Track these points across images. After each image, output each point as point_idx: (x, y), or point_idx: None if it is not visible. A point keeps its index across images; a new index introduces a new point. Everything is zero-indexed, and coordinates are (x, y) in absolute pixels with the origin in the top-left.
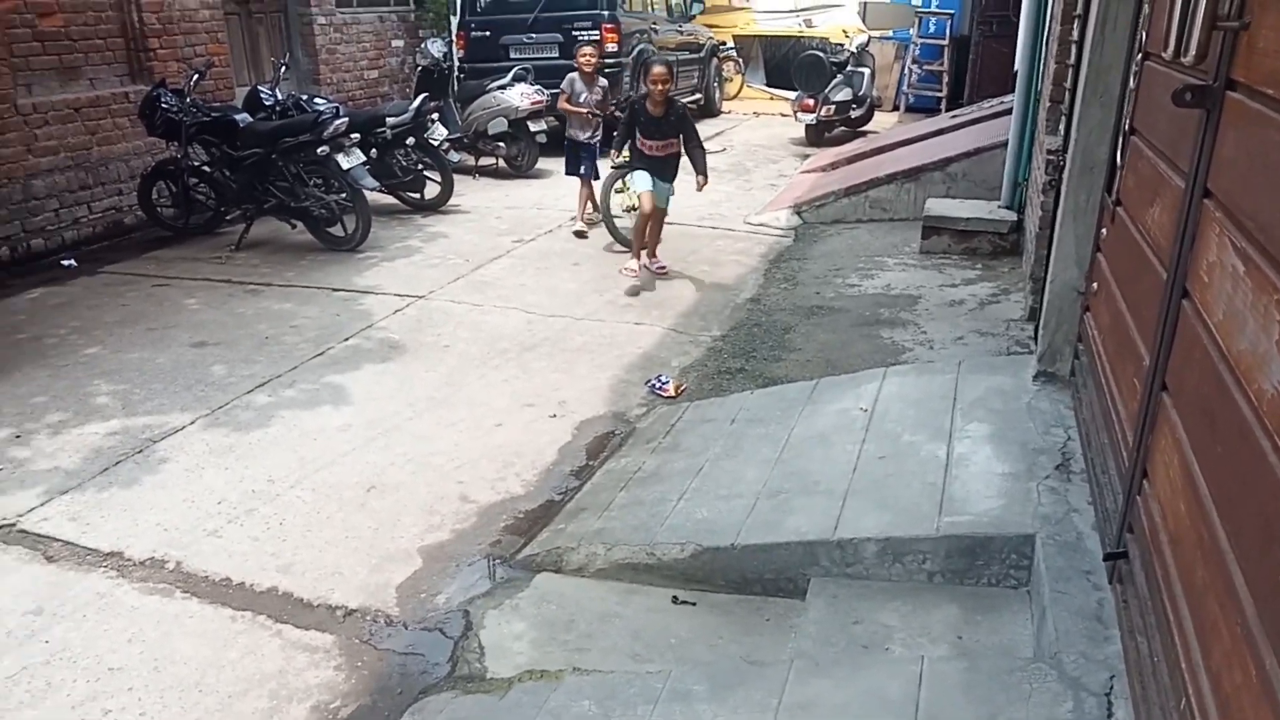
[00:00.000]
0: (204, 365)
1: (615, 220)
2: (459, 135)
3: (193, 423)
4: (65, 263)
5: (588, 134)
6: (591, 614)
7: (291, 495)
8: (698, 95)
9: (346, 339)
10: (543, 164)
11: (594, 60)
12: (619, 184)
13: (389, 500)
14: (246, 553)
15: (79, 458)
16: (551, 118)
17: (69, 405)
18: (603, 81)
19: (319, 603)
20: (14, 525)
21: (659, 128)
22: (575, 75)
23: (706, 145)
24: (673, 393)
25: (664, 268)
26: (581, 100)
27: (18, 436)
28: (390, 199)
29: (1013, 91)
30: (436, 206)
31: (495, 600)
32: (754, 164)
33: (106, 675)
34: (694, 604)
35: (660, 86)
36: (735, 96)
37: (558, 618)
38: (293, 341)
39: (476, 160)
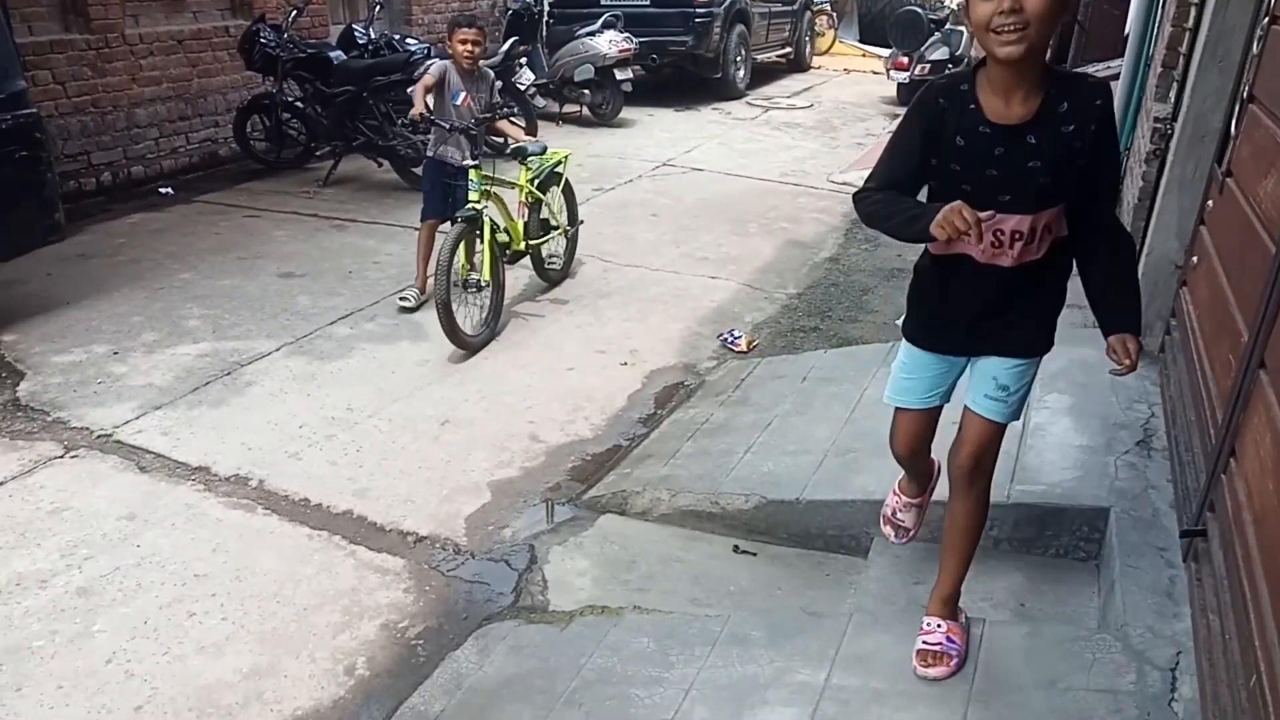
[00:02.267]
0: (290, 295)
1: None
2: (545, 80)
3: (278, 349)
4: (163, 190)
5: (461, 154)
6: (653, 557)
7: (369, 424)
8: (787, 49)
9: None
10: (627, 113)
11: (475, 48)
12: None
13: (461, 435)
14: (325, 476)
15: (171, 376)
16: (638, 67)
17: (163, 326)
18: (489, 76)
19: (391, 528)
20: (110, 436)
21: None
22: (448, 65)
23: (793, 100)
24: (744, 348)
25: None
26: (458, 104)
27: (115, 353)
28: None
29: (1120, 56)
30: None
31: (560, 537)
32: (841, 122)
33: (192, 580)
34: (755, 554)
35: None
36: (826, 52)
37: (620, 558)
38: (375, 277)
39: (561, 107)
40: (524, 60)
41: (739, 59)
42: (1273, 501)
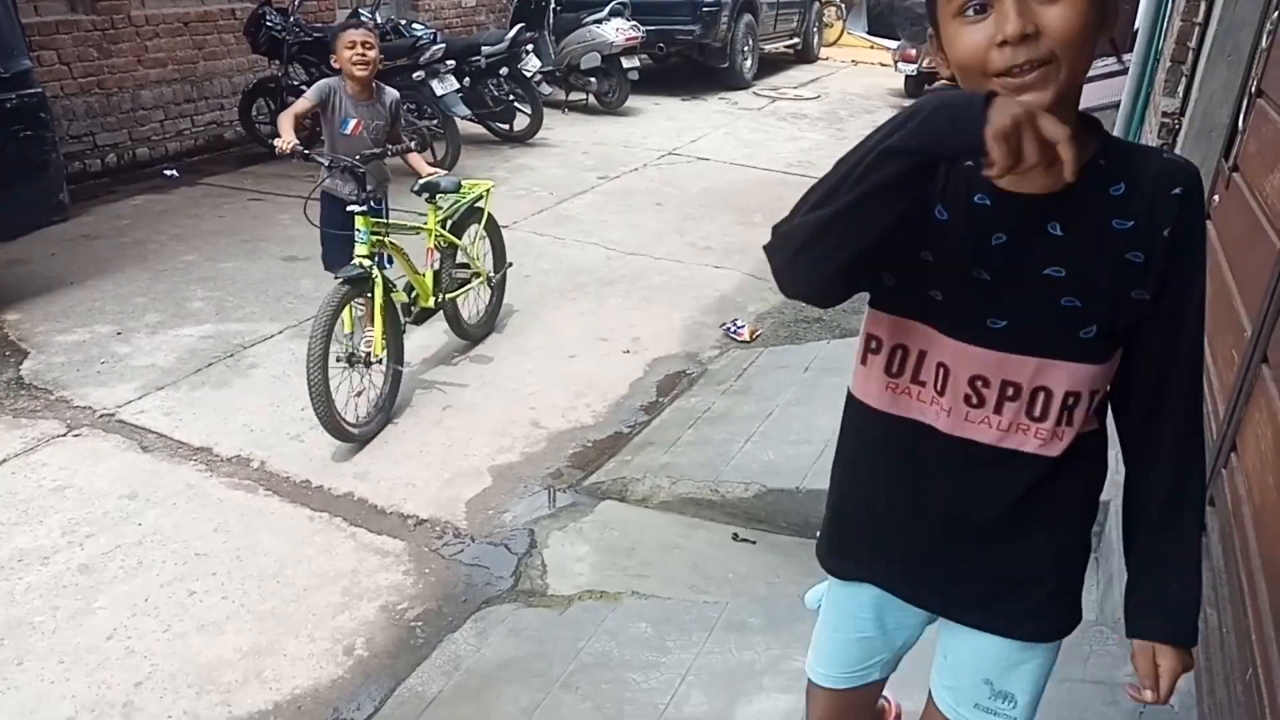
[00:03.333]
0: (293, 279)
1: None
2: (551, 68)
3: (280, 332)
4: (168, 172)
5: (350, 188)
6: (652, 543)
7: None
8: (795, 40)
9: None
10: (633, 101)
11: (366, 56)
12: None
13: (463, 420)
14: (325, 458)
15: (174, 357)
16: (645, 55)
17: (166, 307)
18: (390, 97)
19: (392, 510)
20: (114, 415)
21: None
22: (335, 84)
23: (800, 91)
24: (747, 337)
25: None
26: (347, 132)
27: (119, 333)
28: (479, 129)
29: (1129, 50)
30: (524, 139)
31: (559, 522)
32: (848, 113)
33: (193, 559)
34: (754, 543)
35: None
36: (834, 43)
37: (619, 544)
38: None
39: (567, 94)
40: (530, 47)
41: (746, 49)
42: (1273, 496)
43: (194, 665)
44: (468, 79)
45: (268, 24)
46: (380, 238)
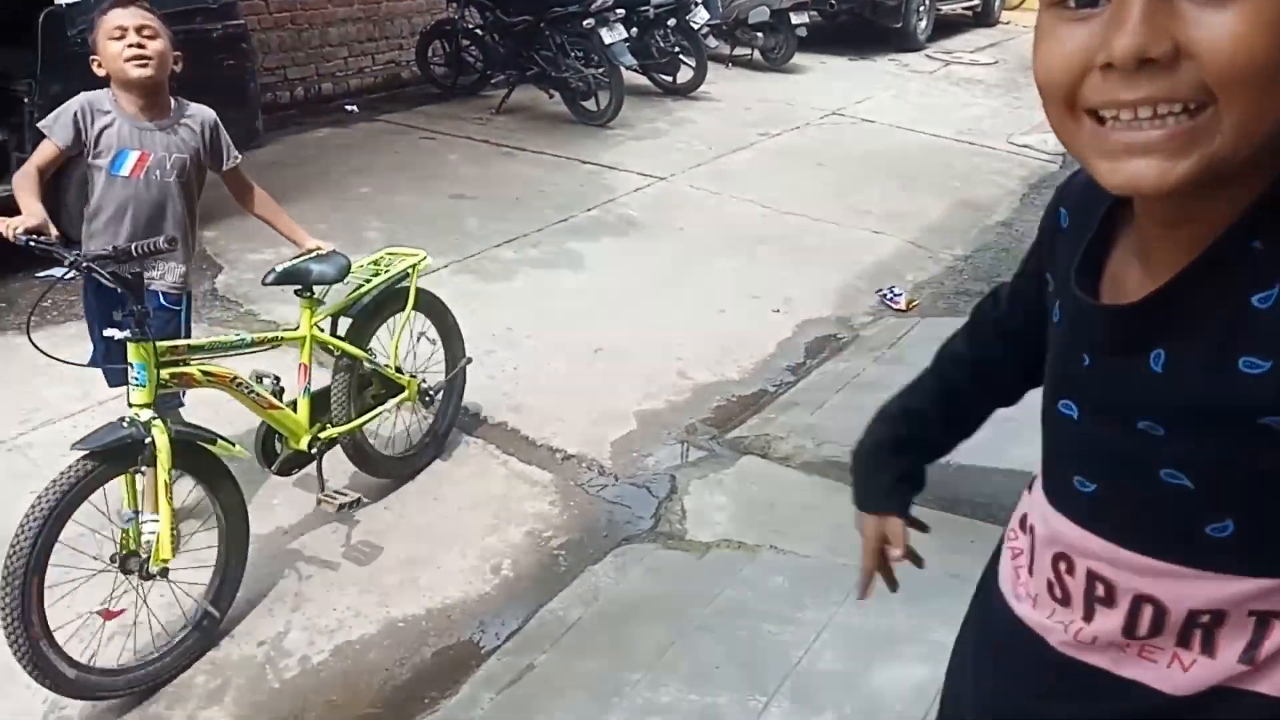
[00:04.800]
0: (460, 216)
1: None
2: (719, 21)
3: (446, 266)
4: (349, 108)
5: (160, 272)
6: (792, 502)
7: (527, 344)
8: (975, 2)
9: (589, 209)
10: (799, 59)
11: (148, 54)
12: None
13: (612, 364)
14: (484, 388)
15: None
16: (815, 12)
17: (344, 235)
18: (203, 116)
19: (542, 443)
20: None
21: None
22: (95, 99)
23: (976, 56)
24: (904, 306)
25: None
26: (122, 173)
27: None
28: (643, 79)
29: None
30: (687, 91)
31: (700, 472)
32: (1027, 81)
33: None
34: None
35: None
36: (1017, 7)
37: (758, 498)
38: (539, 205)
39: (732, 49)
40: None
41: (922, 9)
42: None
43: (356, 567)
44: (635, 28)
45: None
46: (180, 369)
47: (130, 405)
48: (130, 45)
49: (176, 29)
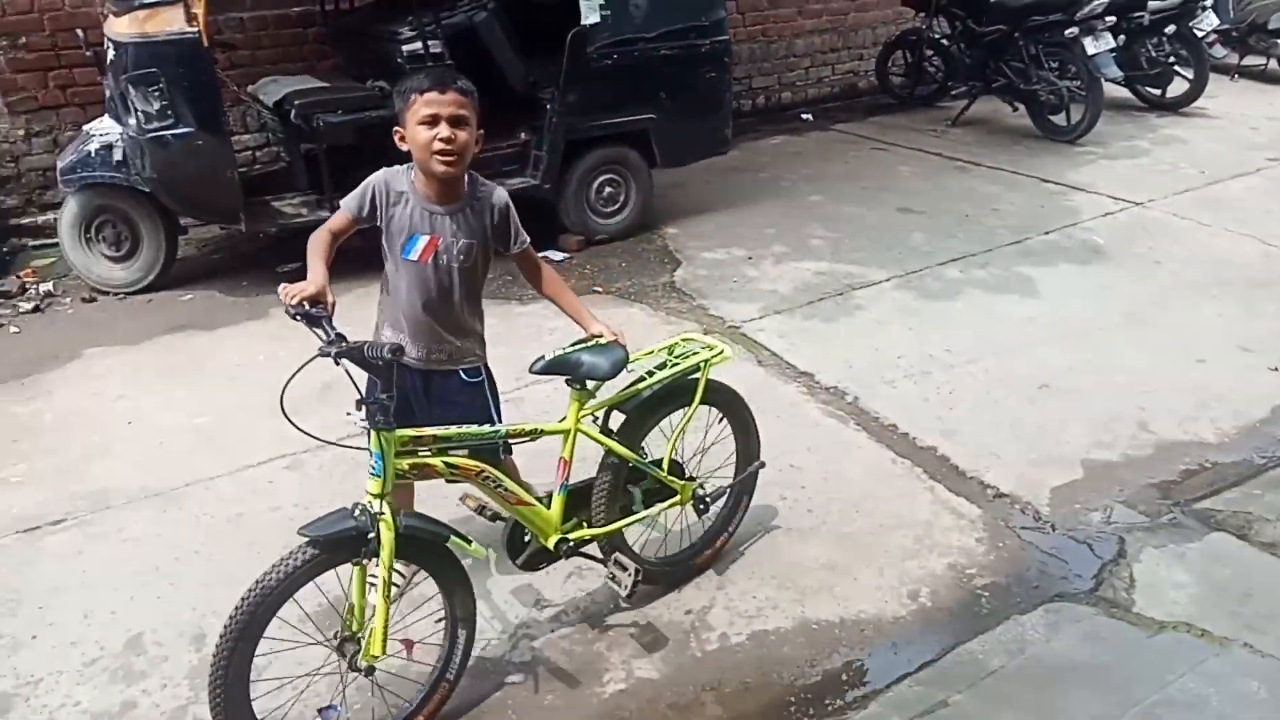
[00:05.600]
0: (905, 230)
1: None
2: (1229, 27)
3: (888, 280)
4: (804, 117)
5: (448, 353)
6: (1275, 596)
7: (965, 369)
8: None
9: (1046, 232)
10: None
11: (454, 152)
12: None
13: (1060, 402)
14: (915, 408)
15: (792, 287)
16: None
17: (791, 241)
18: (497, 199)
19: (972, 475)
20: (739, 328)
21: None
22: (395, 177)
23: None
24: None
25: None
26: (413, 257)
27: (749, 258)
28: (1122, 92)
29: None
30: (1177, 107)
31: (1157, 539)
32: None
33: (788, 469)
34: None
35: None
36: None
37: (1231, 585)
38: (991, 224)
39: (1240, 58)
40: (1209, 3)
41: None
42: None
43: (778, 561)
44: (1123, 37)
45: None
46: (422, 460)
47: (366, 495)
48: (440, 139)
49: (672, 45)
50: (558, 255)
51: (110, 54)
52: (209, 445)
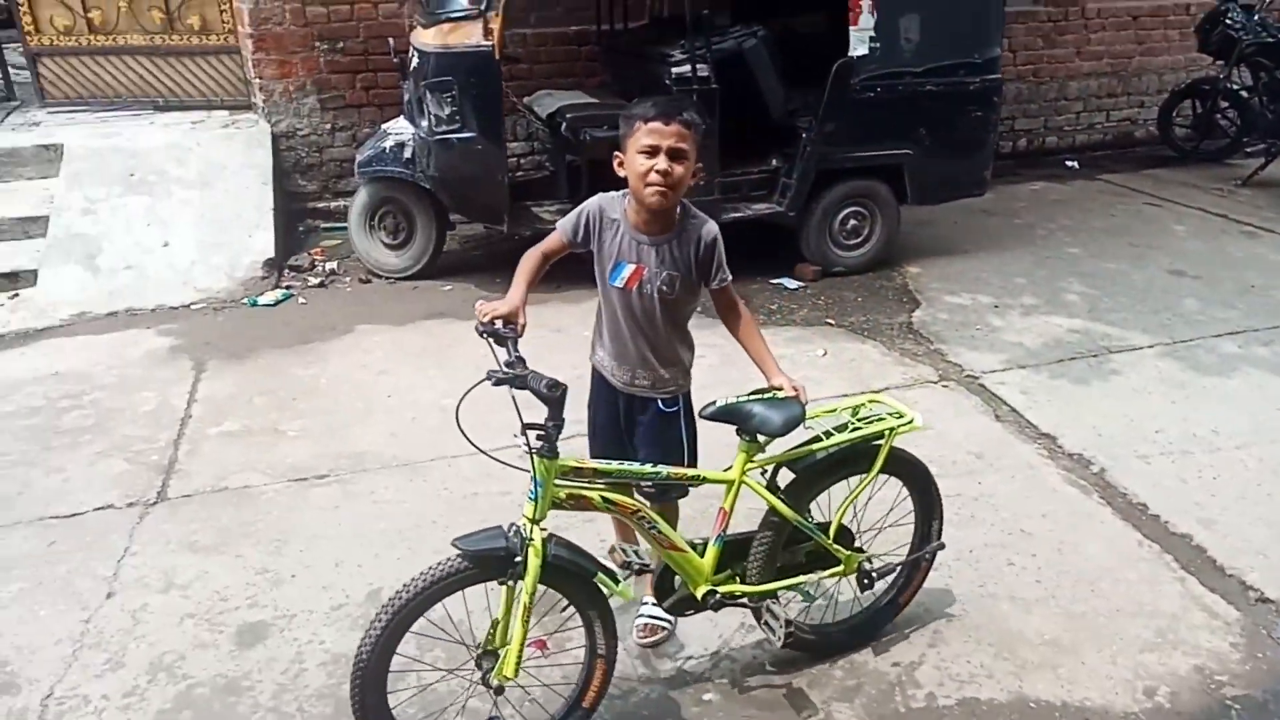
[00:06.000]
0: (1177, 294)
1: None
2: None
3: (1151, 347)
4: (1069, 163)
5: (651, 381)
6: None
7: (1233, 454)
8: None
9: None
10: None
11: (670, 185)
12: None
13: None
14: (1171, 490)
15: (1040, 341)
16: None
17: (1043, 293)
18: (707, 232)
19: (1232, 573)
20: (978, 379)
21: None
22: (609, 204)
23: None
24: None
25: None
26: (619, 284)
27: (996, 306)
28: None
29: None
30: None
31: None
32: None
33: (1018, 534)
34: None
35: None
36: None
37: None
38: None
39: None
40: None
41: None
42: None
43: (997, 628)
44: None
45: (1227, 22)
46: (579, 491)
47: (523, 519)
48: (657, 170)
49: (939, 81)
50: (793, 284)
51: (414, 61)
52: (454, 425)
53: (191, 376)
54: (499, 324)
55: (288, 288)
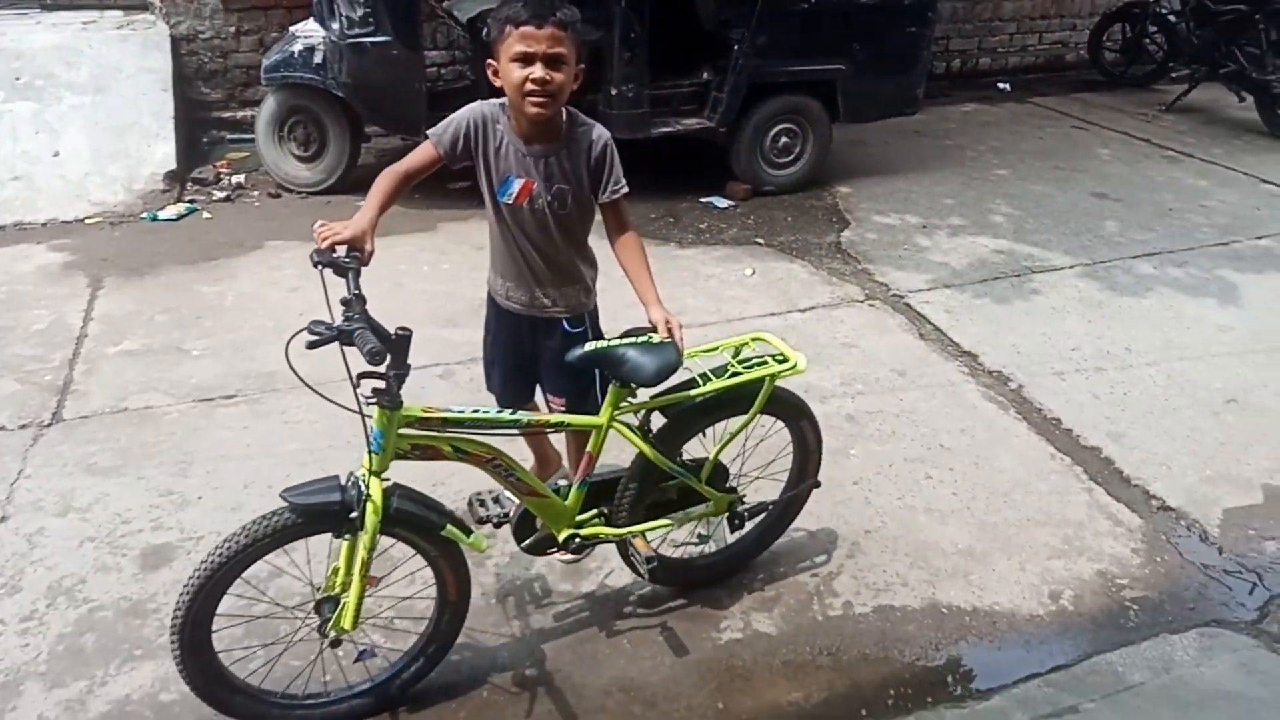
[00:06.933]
0: (1098, 216)
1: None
2: None
3: (1071, 267)
4: (1000, 86)
5: (553, 299)
6: None
7: (1144, 372)
8: None
9: (1258, 237)
10: None
11: (549, 92)
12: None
13: (1246, 421)
14: (1083, 404)
15: (965, 262)
16: None
17: (970, 214)
18: (597, 136)
19: (1137, 483)
20: (903, 298)
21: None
22: (497, 110)
23: None
24: None
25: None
26: (508, 200)
27: (923, 227)
28: None
29: None
30: None
31: None
32: None
33: (937, 449)
34: None
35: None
36: None
37: None
38: (1196, 221)
39: None
40: None
41: None
42: None
43: (915, 540)
44: None
45: None
46: (426, 443)
47: (362, 468)
48: (533, 80)
49: None
50: (723, 203)
51: None
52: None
53: (88, 294)
54: (340, 251)
55: (191, 202)
